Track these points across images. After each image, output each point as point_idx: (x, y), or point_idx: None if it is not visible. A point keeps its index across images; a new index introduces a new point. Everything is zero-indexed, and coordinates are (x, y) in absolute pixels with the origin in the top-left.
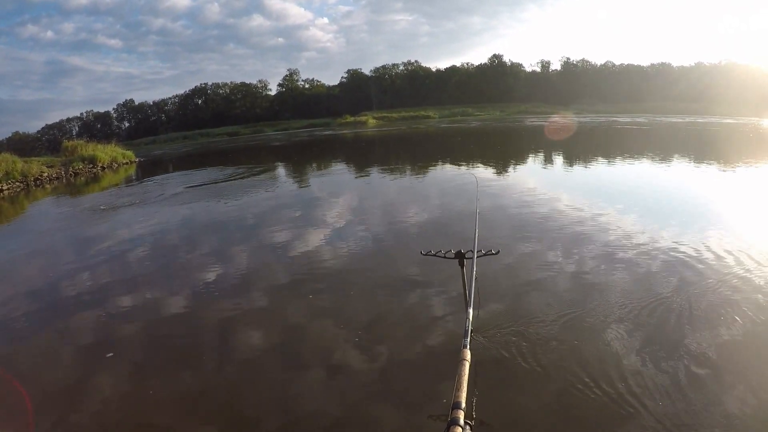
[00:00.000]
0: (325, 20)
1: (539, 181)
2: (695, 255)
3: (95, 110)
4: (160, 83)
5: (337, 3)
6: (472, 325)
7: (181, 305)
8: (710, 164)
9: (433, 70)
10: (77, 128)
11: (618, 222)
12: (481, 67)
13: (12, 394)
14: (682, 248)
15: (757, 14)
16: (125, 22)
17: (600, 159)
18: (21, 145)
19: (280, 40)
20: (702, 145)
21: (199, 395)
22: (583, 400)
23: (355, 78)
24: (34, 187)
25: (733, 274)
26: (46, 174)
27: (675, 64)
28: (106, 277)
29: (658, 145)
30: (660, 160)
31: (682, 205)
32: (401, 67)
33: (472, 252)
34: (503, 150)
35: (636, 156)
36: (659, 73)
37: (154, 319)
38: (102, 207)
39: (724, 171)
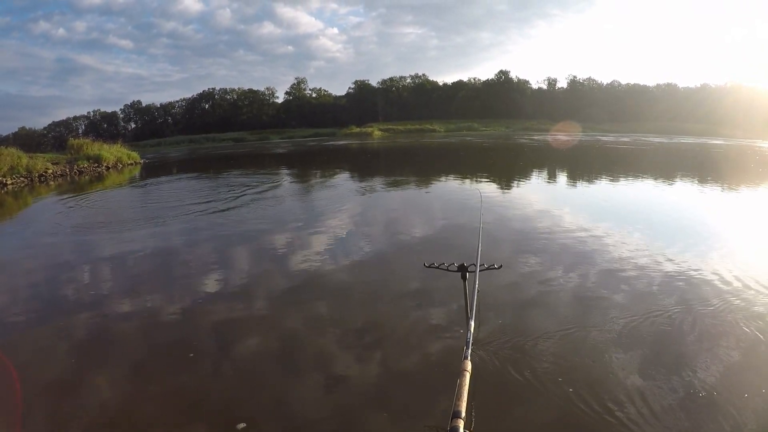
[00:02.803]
0: (335, 30)
1: (543, 198)
2: (697, 275)
3: (102, 110)
4: (168, 86)
5: (348, 14)
6: (473, 338)
7: (180, 309)
8: (712, 185)
9: (440, 83)
10: (84, 127)
11: (620, 240)
12: (488, 83)
13: (5, 387)
14: (684, 268)
15: (764, 33)
16: (137, 24)
17: (603, 177)
18: (27, 140)
19: (290, 48)
20: (705, 167)
21: (196, 399)
22: (581, 417)
23: (362, 89)
24: (38, 183)
25: (735, 294)
26: (50, 171)
27: (681, 85)
28: (109, 281)
29: (661, 165)
30: (662, 180)
31: (684, 225)
32: (408, 80)
33: (475, 266)
34: (507, 166)
35: (638, 176)
36: (665, 93)
37: (153, 322)
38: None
39: (726, 192)
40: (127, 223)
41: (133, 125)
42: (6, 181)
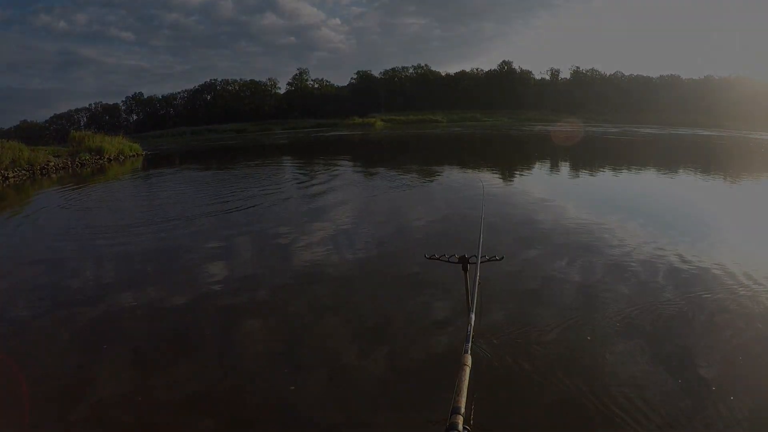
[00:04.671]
0: (338, 21)
1: (545, 188)
2: (700, 266)
3: (104, 102)
4: (170, 78)
5: (350, 4)
6: (473, 331)
7: (184, 302)
8: (717, 177)
9: (443, 74)
10: (85, 119)
11: (624, 232)
12: (490, 73)
13: (10, 382)
14: (688, 259)
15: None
16: (138, 16)
17: (606, 168)
18: (28, 133)
19: (292, 39)
20: (709, 159)
21: (200, 394)
22: (584, 409)
23: (364, 79)
24: (40, 176)
25: (738, 285)
26: (52, 163)
27: (684, 76)
28: (112, 274)
29: (664, 156)
30: (666, 171)
31: (688, 217)
32: (411, 70)
33: (476, 257)
34: (509, 156)
35: (642, 167)
36: (668, 84)
37: (157, 315)
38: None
39: (731, 184)
40: (131, 215)
41: (135, 117)
42: (8, 174)
